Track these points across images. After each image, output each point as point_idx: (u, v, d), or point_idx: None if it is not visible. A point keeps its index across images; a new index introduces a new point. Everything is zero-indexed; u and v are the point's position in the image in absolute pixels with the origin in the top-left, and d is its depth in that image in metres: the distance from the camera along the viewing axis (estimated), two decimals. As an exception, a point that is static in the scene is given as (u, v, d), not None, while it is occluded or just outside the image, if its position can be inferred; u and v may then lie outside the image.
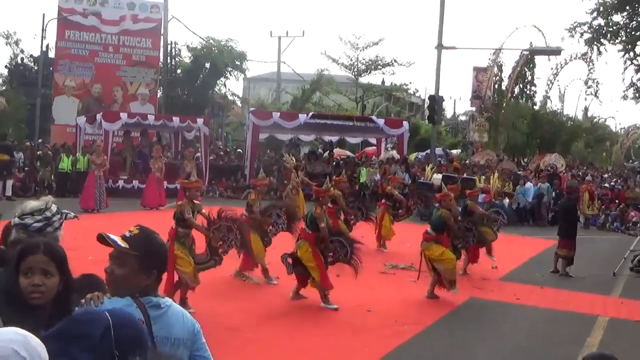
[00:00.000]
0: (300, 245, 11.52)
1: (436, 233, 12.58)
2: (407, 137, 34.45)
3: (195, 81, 43.98)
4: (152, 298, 3.24)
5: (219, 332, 8.89)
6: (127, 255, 3.24)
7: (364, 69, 53.25)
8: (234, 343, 8.83)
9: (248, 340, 9.12)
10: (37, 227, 4.05)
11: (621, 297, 14.20)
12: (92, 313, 2.76)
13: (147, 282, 3.25)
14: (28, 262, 3.13)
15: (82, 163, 27.37)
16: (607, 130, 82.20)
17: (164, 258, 3.44)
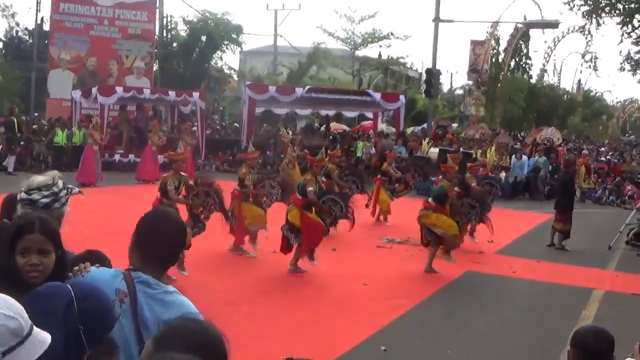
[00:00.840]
0: (289, 209, 11.76)
1: (436, 204, 12.58)
2: (404, 111, 34.36)
3: (191, 55, 43.80)
4: (142, 274, 3.19)
5: (217, 307, 8.92)
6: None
7: (360, 42, 52.99)
8: (232, 318, 8.85)
9: (245, 314, 9.15)
10: (44, 202, 3.99)
11: (616, 271, 14.26)
12: (54, 287, 2.66)
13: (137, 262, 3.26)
14: (25, 241, 3.10)
15: (78, 137, 27.30)
16: (604, 104, 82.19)
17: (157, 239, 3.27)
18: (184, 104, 32.09)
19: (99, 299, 2.66)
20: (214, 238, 12.07)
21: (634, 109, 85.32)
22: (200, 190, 11.33)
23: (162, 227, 3.30)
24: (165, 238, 3.28)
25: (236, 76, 53.08)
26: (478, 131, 32.29)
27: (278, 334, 8.54)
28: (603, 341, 3.97)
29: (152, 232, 3.28)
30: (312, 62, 49.07)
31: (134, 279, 3.17)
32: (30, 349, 2.08)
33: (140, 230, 3.28)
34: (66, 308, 2.54)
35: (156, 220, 3.35)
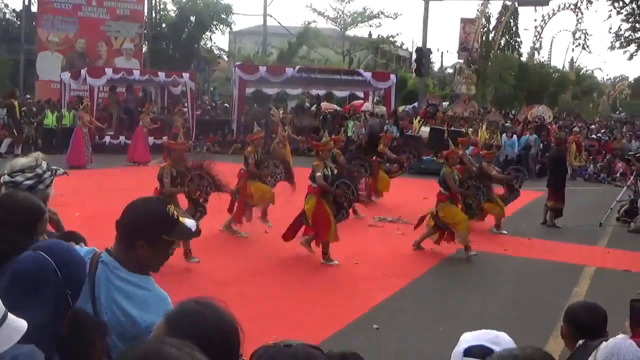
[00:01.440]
0: (307, 200, 11.56)
1: (447, 192, 12.46)
2: (395, 90, 34.34)
3: (180, 35, 43.59)
4: (107, 255, 3.03)
5: (208, 286, 8.92)
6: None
7: (350, 22, 52.90)
8: (223, 298, 8.84)
9: (236, 294, 9.13)
10: (28, 184, 3.97)
11: (607, 247, 14.32)
12: (33, 259, 2.61)
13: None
14: (43, 222, 3.22)
15: (68, 119, 27.20)
16: (595, 81, 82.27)
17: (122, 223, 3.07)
18: (173, 84, 31.97)
19: (76, 260, 2.73)
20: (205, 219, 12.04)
21: (624, 86, 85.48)
22: (194, 175, 11.25)
23: (129, 207, 3.10)
24: (124, 218, 3.07)
25: (226, 57, 52.89)
26: (467, 109, 32.25)
27: (269, 313, 8.54)
28: (596, 316, 3.99)
29: (125, 215, 3.10)
30: (302, 42, 48.93)
31: (98, 257, 3.03)
32: (4, 337, 2.05)
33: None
34: (52, 277, 2.56)
35: (131, 202, 3.14)
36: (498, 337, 2.56)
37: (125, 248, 3.03)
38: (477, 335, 2.57)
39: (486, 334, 2.58)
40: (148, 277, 3.06)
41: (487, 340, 2.52)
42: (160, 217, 3.05)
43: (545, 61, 63.73)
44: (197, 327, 2.15)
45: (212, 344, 2.10)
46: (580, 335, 3.88)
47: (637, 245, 13.78)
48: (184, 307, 2.26)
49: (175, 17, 44.28)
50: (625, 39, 35.98)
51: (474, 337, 2.56)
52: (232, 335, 2.22)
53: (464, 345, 2.54)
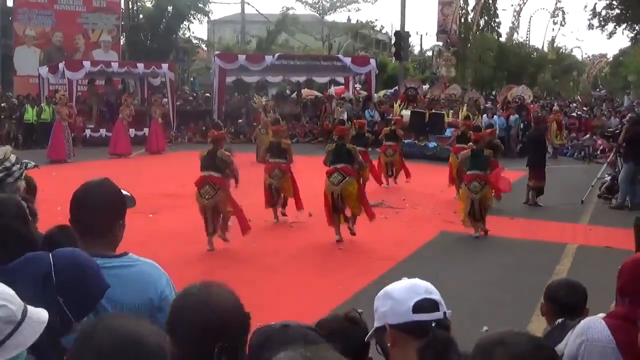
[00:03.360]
0: (351, 182, 11.90)
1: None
2: (375, 75, 34.36)
3: (158, 26, 43.34)
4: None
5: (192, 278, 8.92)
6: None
7: (328, 7, 52.78)
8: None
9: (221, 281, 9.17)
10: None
11: (589, 224, 14.44)
12: (32, 257, 2.58)
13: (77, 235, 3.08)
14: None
15: (47, 113, 27.07)
16: (574, 60, 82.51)
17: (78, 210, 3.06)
18: (153, 76, 31.86)
19: (80, 268, 2.57)
20: (186, 209, 12.03)
21: (603, 63, 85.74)
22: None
23: (84, 201, 3.07)
24: (96, 208, 3.03)
25: (205, 46, 52.67)
26: (443, 91, 32.30)
27: (254, 300, 8.55)
28: (575, 293, 4.04)
29: (75, 211, 3.07)
30: (281, 30, 48.79)
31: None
32: (28, 332, 2.01)
33: (70, 211, 3.10)
34: (43, 279, 2.48)
35: (78, 198, 3.10)
36: (426, 286, 2.52)
37: (104, 234, 3.04)
38: (406, 288, 2.51)
39: (413, 286, 2.50)
40: (128, 256, 3.10)
41: (425, 293, 2.48)
42: (121, 192, 3.14)
43: (524, 41, 63.90)
44: (202, 313, 2.20)
45: (219, 326, 2.18)
46: (559, 312, 3.93)
47: (618, 221, 13.88)
48: (187, 293, 2.30)
49: (152, 8, 44.03)
50: (603, 17, 36.10)
51: (407, 291, 2.49)
52: (239, 317, 2.29)
53: (403, 302, 2.45)
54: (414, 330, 2.39)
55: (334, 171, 11.95)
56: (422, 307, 2.42)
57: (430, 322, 2.39)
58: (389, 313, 2.44)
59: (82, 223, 3.05)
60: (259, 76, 36.45)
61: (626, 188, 16.15)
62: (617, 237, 12.03)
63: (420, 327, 2.38)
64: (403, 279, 2.58)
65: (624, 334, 2.90)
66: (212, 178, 11.03)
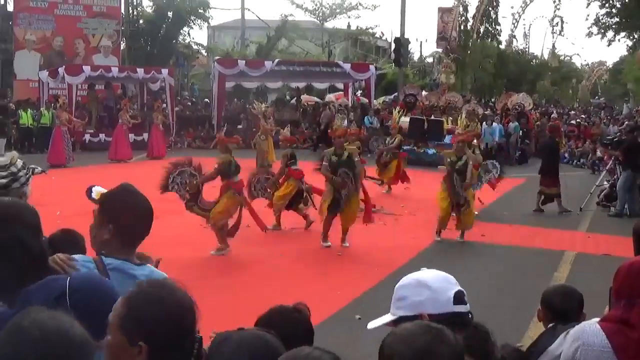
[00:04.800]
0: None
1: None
2: (374, 81, 34.42)
3: (158, 31, 43.36)
4: (115, 260, 2.97)
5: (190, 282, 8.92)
6: (98, 210, 3.13)
7: (328, 14, 52.86)
8: (205, 291, 8.89)
9: (218, 287, 9.19)
10: (2, 183, 3.97)
11: (588, 232, 14.47)
12: (50, 279, 2.56)
13: (106, 237, 3.02)
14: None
15: (47, 118, 27.10)
16: (573, 67, 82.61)
17: (126, 218, 3.04)
18: (152, 81, 31.90)
19: (96, 291, 2.55)
20: (186, 214, 12.04)
21: (602, 71, 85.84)
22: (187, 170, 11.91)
23: (126, 199, 3.11)
24: (130, 210, 3.07)
25: (204, 52, 52.72)
26: (441, 98, 32.33)
27: (251, 306, 8.54)
28: (571, 299, 4.06)
29: (114, 206, 3.09)
30: (281, 35, 48.84)
31: (106, 266, 2.96)
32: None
33: (105, 206, 3.10)
34: (56, 300, 2.45)
35: (121, 194, 3.13)
36: (452, 277, 2.54)
37: (135, 245, 3.13)
38: (442, 278, 2.52)
39: (447, 276, 2.58)
40: (149, 266, 3.16)
41: (457, 284, 2.52)
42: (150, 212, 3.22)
43: (524, 48, 63.99)
44: (155, 307, 2.20)
45: (169, 321, 2.18)
46: (555, 318, 3.96)
47: (617, 229, 13.91)
48: (143, 288, 2.29)
49: (152, 13, 44.05)
50: (603, 25, 36.19)
51: (444, 281, 2.51)
52: (188, 313, 2.27)
53: (443, 292, 2.49)
54: (454, 320, 2.42)
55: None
56: (460, 298, 2.47)
57: (467, 313, 2.42)
58: (427, 302, 2.45)
59: (141, 235, 3.12)
60: (259, 82, 36.50)
61: (625, 196, 16.19)
62: (616, 245, 12.05)
63: (461, 318, 2.41)
64: (425, 269, 2.60)
65: (620, 338, 2.90)
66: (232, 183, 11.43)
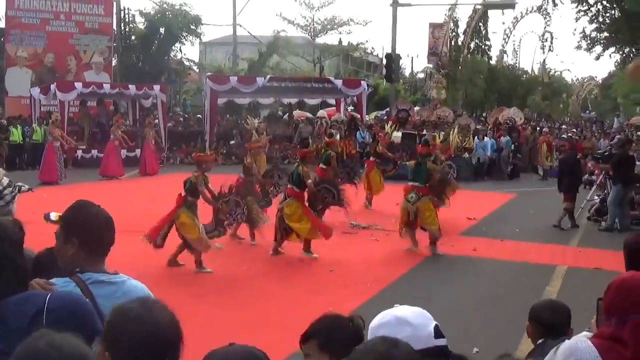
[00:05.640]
0: (289, 203, 12.13)
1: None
2: (366, 97, 34.50)
3: (150, 47, 43.42)
4: (92, 274, 3.04)
5: (182, 299, 8.92)
6: (59, 228, 3.21)
7: (320, 29, 53.01)
8: (198, 308, 8.89)
9: (211, 305, 9.18)
10: (-13, 201, 3.98)
11: (579, 246, 14.49)
12: (29, 295, 2.61)
13: (72, 252, 3.09)
14: None
15: (39, 134, 27.07)
16: (564, 82, 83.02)
17: (87, 227, 3.12)
18: (145, 97, 31.89)
19: (73, 310, 2.59)
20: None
21: (592, 86, 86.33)
22: (232, 199, 11.80)
23: (87, 211, 3.20)
24: (91, 222, 3.14)
25: (196, 68, 52.80)
26: (432, 113, 32.45)
27: (244, 323, 8.57)
28: (558, 314, 4.08)
29: (77, 220, 3.17)
30: (273, 51, 48.94)
31: (85, 282, 3.01)
32: None
33: (67, 222, 3.18)
34: (32, 318, 2.48)
35: (81, 208, 3.22)
36: (423, 311, 2.58)
37: (104, 254, 3.17)
38: (419, 314, 2.55)
39: (422, 311, 2.57)
40: (122, 274, 3.20)
41: (429, 318, 2.56)
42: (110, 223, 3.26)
43: (514, 63, 64.34)
44: (133, 325, 2.23)
45: (148, 339, 2.21)
46: (543, 333, 3.97)
47: (607, 243, 13.94)
48: (125, 309, 2.32)
49: (144, 30, 44.10)
50: (592, 40, 36.42)
51: (421, 316, 2.54)
52: (168, 330, 2.29)
53: (423, 327, 2.52)
54: (436, 354, 2.47)
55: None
56: (438, 332, 2.51)
57: (446, 346, 2.47)
58: (411, 339, 2.44)
59: (107, 243, 3.17)
60: (251, 98, 36.54)
61: (615, 210, 16.22)
62: (607, 259, 12.07)
63: (441, 351, 2.46)
64: (399, 306, 2.63)
65: (613, 355, 2.90)
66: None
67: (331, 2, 52.30)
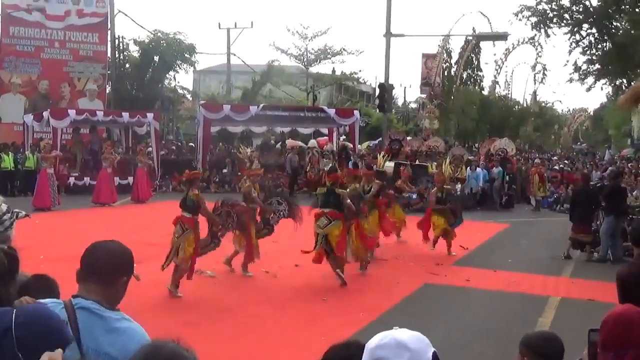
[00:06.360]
0: (336, 226, 12.55)
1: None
2: (359, 126, 34.61)
3: (144, 75, 43.54)
4: (82, 300, 3.11)
5: (175, 327, 8.87)
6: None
7: (313, 59, 53.20)
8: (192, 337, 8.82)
9: (204, 334, 9.12)
10: (-15, 227, 3.97)
11: (572, 277, 14.48)
12: None
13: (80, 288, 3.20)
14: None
15: (31, 161, 27.04)
16: (555, 114, 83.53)
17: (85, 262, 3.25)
18: (138, 125, 31.95)
19: (41, 324, 2.60)
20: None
21: (583, 118, 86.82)
22: (223, 211, 12.62)
23: (99, 248, 3.26)
24: (101, 258, 3.22)
25: (190, 96, 52.90)
26: (423, 143, 32.54)
27: (236, 352, 8.53)
28: (551, 345, 4.06)
29: (88, 254, 3.24)
30: (266, 80, 49.12)
31: (74, 305, 3.09)
32: None
33: (83, 255, 3.26)
34: (2, 334, 2.50)
35: (94, 246, 3.29)
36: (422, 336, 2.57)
37: (107, 287, 3.18)
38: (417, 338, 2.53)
39: (420, 335, 2.55)
40: (120, 312, 3.21)
41: (428, 344, 2.54)
42: (130, 253, 3.31)
43: (506, 94, 64.72)
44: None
45: None
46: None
47: (600, 274, 13.95)
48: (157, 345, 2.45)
49: (138, 58, 44.25)
50: (583, 72, 36.66)
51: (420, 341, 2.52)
52: None
53: (423, 353, 2.50)
54: None
55: (321, 215, 12.58)
56: (436, 357, 2.47)
57: None
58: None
59: (95, 268, 3.19)
60: (244, 126, 36.62)
61: (608, 241, 16.24)
62: (600, 290, 12.07)
63: None
64: (398, 329, 2.61)
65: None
66: (183, 218, 11.57)
67: (324, 32, 52.49)
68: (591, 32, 35.82)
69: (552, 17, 35.81)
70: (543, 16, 35.72)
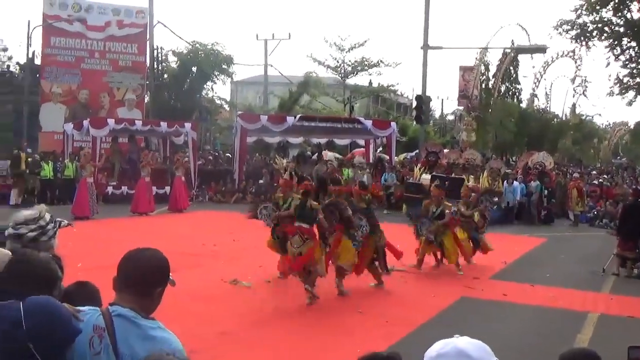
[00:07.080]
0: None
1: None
2: (395, 138, 34.52)
3: (182, 86, 43.94)
4: (119, 307, 3.14)
5: (209, 336, 8.88)
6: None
7: (350, 71, 53.29)
8: (227, 347, 8.84)
9: (239, 341, 9.12)
10: (31, 236, 4.01)
11: (611, 293, 14.25)
12: (3, 306, 2.68)
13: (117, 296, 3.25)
14: None
15: (71, 170, 27.35)
16: (595, 127, 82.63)
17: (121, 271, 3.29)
18: (176, 134, 32.18)
19: (50, 314, 2.68)
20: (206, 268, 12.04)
21: (623, 131, 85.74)
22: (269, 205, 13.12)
23: (135, 258, 3.27)
24: (138, 268, 3.23)
25: (227, 106, 53.22)
26: (461, 155, 32.32)
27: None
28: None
29: (125, 264, 3.26)
30: (303, 91, 49.25)
31: (111, 313, 3.13)
32: None
33: (119, 264, 3.28)
34: (12, 326, 2.57)
35: (130, 254, 3.31)
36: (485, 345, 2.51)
37: (142, 297, 3.21)
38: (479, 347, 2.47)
39: (482, 344, 2.50)
40: (156, 321, 3.24)
41: (490, 354, 2.47)
42: (167, 262, 3.33)
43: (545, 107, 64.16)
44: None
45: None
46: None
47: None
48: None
49: (176, 68, 44.69)
50: (624, 85, 36.26)
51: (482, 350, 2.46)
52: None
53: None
54: None
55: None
56: None
57: None
58: None
59: (131, 279, 3.21)
60: (280, 137, 36.71)
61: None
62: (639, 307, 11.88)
63: None
64: (459, 337, 2.56)
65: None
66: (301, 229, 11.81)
67: (362, 44, 52.57)
68: (631, 46, 35.44)
69: (592, 30, 35.53)
70: (583, 29, 35.46)
